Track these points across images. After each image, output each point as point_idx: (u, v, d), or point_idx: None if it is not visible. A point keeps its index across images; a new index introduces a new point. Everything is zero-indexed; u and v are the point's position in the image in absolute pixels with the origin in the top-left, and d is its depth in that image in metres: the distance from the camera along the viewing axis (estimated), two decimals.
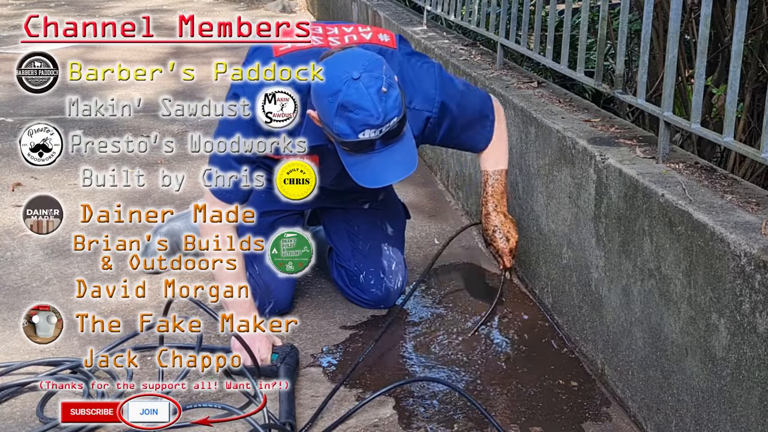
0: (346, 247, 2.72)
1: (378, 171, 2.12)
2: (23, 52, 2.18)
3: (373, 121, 2.03)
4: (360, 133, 2.04)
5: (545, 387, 2.29)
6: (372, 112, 2.03)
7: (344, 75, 2.04)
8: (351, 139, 2.06)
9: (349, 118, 2.03)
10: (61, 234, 2.49)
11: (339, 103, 2.02)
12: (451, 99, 2.36)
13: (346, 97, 2.02)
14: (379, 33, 2.38)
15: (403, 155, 2.13)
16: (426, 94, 2.31)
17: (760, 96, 2.72)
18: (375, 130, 2.04)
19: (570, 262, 2.46)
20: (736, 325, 1.65)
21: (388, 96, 2.04)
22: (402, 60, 2.32)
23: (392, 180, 2.18)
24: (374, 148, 2.08)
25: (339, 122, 2.04)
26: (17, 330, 2.55)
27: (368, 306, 2.71)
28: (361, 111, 2.02)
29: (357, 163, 2.11)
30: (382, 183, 2.16)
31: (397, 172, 2.14)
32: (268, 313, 2.61)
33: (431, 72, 2.34)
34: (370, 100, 2.02)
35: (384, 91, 2.04)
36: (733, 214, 1.78)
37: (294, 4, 9.62)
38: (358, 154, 2.10)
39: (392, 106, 2.05)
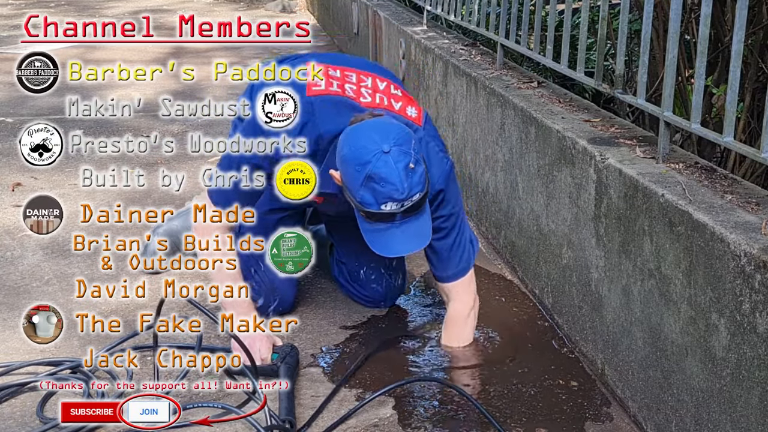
0: (346, 243, 2.72)
1: (392, 241, 2.16)
2: (23, 52, 2.18)
3: (397, 196, 2.08)
4: (383, 205, 2.09)
5: (545, 387, 2.29)
6: (398, 186, 2.07)
7: (374, 147, 2.07)
8: (373, 210, 2.10)
9: (374, 190, 2.07)
10: (61, 234, 2.49)
11: (367, 174, 2.06)
12: (447, 197, 2.36)
13: (375, 169, 2.06)
14: (409, 105, 2.38)
15: (418, 228, 2.17)
16: (431, 177, 2.30)
17: (760, 96, 2.72)
18: (397, 204, 2.09)
19: (570, 262, 2.46)
20: (736, 325, 1.65)
21: (414, 172, 2.09)
22: (423, 139, 2.33)
23: (405, 252, 2.22)
24: (394, 219, 2.12)
25: (364, 192, 2.09)
26: (17, 330, 2.55)
27: (369, 303, 2.71)
28: (387, 185, 2.06)
29: (373, 231, 2.16)
30: (395, 254, 2.23)
31: (410, 244, 2.19)
32: (273, 311, 2.61)
33: (443, 163, 2.35)
34: (397, 175, 2.06)
35: (411, 167, 2.08)
36: (733, 214, 1.78)
37: (294, 4, 9.62)
38: (376, 223, 2.14)
39: (417, 181, 2.10)
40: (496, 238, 3.16)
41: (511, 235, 2.99)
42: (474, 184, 3.38)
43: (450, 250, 2.42)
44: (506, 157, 2.97)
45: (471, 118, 3.37)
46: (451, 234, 2.40)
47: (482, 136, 3.23)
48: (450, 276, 2.45)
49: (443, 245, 2.41)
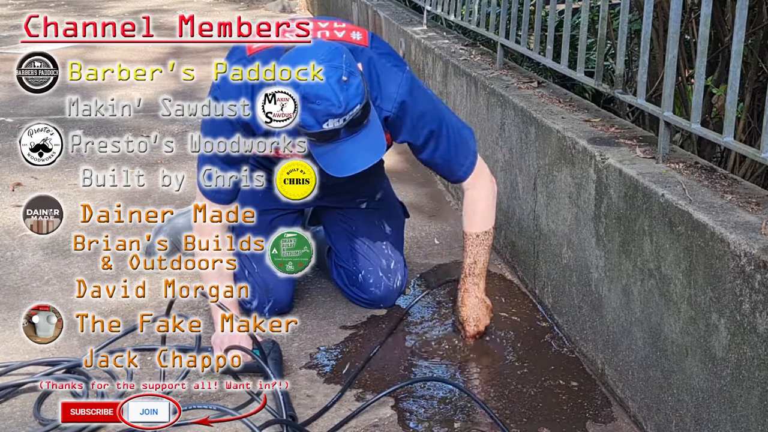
0: (344, 246, 2.72)
1: (346, 159, 2.13)
2: (23, 51, 2.18)
3: (335, 110, 2.05)
4: (324, 123, 2.06)
5: (545, 387, 2.28)
6: (333, 101, 2.04)
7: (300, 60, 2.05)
8: (315, 130, 2.07)
9: (311, 110, 2.05)
10: (61, 234, 2.49)
11: (301, 95, 2.04)
12: (415, 102, 2.33)
13: (307, 88, 2.03)
14: (353, 31, 2.37)
15: (370, 141, 2.14)
16: (389, 93, 2.30)
17: (760, 96, 2.72)
18: (338, 119, 2.06)
19: (570, 262, 2.46)
20: (736, 325, 1.65)
21: (349, 84, 2.06)
22: (372, 57, 2.31)
23: (360, 167, 2.17)
24: (339, 136, 2.09)
25: (302, 113, 2.05)
26: (17, 330, 2.55)
27: (368, 305, 2.71)
28: (322, 101, 2.04)
29: (325, 153, 2.13)
30: (351, 171, 2.16)
31: (364, 158, 2.15)
32: (268, 312, 2.61)
33: (398, 74, 2.32)
34: (330, 90, 2.04)
35: (344, 80, 2.05)
36: (733, 214, 1.78)
37: (294, 4, 9.62)
38: (325, 144, 2.11)
39: (354, 93, 2.06)
40: (496, 238, 3.15)
41: (511, 235, 2.98)
42: None
43: (449, 154, 2.41)
44: (506, 157, 2.97)
45: (471, 118, 3.37)
46: (443, 140, 2.39)
47: (482, 136, 3.23)
48: (461, 176, 2.46)
49: (442, 154, 2.40)
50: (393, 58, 2.38)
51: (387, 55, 2.37)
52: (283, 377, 2.24)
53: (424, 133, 2.35)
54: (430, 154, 2.39)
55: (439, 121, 2.38)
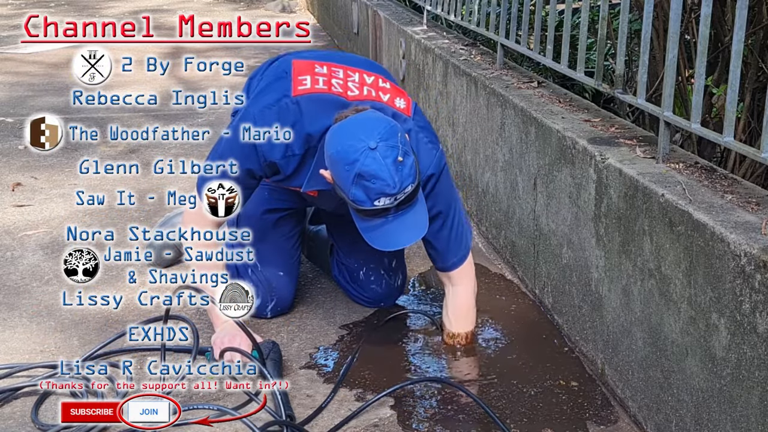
0: (346, 244, 2.72)
1: (391, 235, 2.16)
2: (23, 51, 2.19)
3: (389, 191, 2.07)
4: (375, 201, 2.09)
5: (545, 387, 2.28)
6: (388, 182, 2.06)
7: (361, 144, 2.07)
8: (366, 207, 2.10)
9: (365, 187, 2.07)
10: (61, 234, 2.49)
11: (356, 173, 2.06)
12: (439, 181, 2.35)
13: (363, 167, 2.06)
14: (397, 97, 2.38)
15: (414, 219, 2.18)
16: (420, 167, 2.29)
17: (760, 96, 2.72)
18: (390, 198, 2.09)
19: (570, 262, 2.46)
20: (736, 325, 1.65)
21: (403, 165, 2.09)
22: (412, 129, 2.33)
23: (405, 243, 2.22)
24: (388, 214, 2.12)
25: (356, 190, 2.08)
26: (17, 330, 2.55)
27: (369, 304, 2.71)
28: (377, 181, 2.06)
29: (370, 228, 2.16)
30: (395, 247, 2.21)
31: (409, 236, 2.19)
32: (270, 311, 2.62)
33: (433, 152, 2.34)
34: (386, 171, 2.06)
35: (400, 161, 2.08)
36: (733, 214, 1.78)
37: (294, 4, 9.62)
38: (372, 219, 2.14)
39: (407, 174, 2.09)
40: (496, 238, 3.16)
41: (511, 235, 2.99)
42: (474, 184, 3.38)
43: (449, 240, 2.42)
44: (506, 157, 2.97)
45: (471, 118, 3.37)
46: (447, 225, 2.41)
47: (482, 136, 3.23)
48: (451, 265, 2.46)
49: (442, 237, 2.41)
50: (430, 134, 2.41)
51: (425, 130, 2.39)
52: (282, 378, 2.24)
53: (435, 210, 2.36)
54: (433, 232, 2.39)
55: (450, 207, 2.41)
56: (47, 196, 3.64)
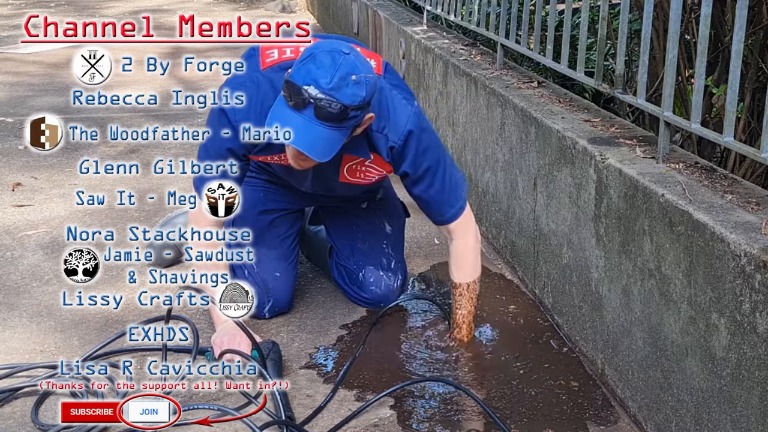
0: (345, 245, 2.72)
1: (294, 130, 2.09)
2: (23, 51, 2.19)
3: (322, 83, 2.04)
4: (305, 85, 2.05)
5: (545, 387, 2.28)
6: (328, 78, 2.04)
7: (336, 45, 2.09)
8: (295, 82, 2.06)
9: (307, 69, 2.05)
10: (61, 234, 2.49)
11: (310, 53, 2.06)
12: (420, 136, 2.33)
13: (321, 55, 2.05)
14: (367, 57, 2.35)
15: (322, 140, 2.10)
16: (397, 124, 2.30)
17: (760, 96, 2.72)
18: (317, 91, 2.04)
19: (570, 262, 2.46)
20: (736, 325, 1.65)
21: (352, 84, 2.06)
22: (384, 87, 2.32)
23: (296, 144, 2.11)
24: (304, 109, 2.06)
25: (298, 66, 2.07)
26: (17, 330, 2.55)
27: (368, 304, 2.71)
28: (320, 68, 2.04)
29: (282, 114, 2.10)
30: (289, 141, 2.10)
31: (304, 143, 2.10)
32: (268, 312, 2.62)
33: (407, 107, 2.33)
34: (335, 70, 2.04)
35: (353, 79, 2.05)
36: (733, 214, 1.78)
37: (294, 4, 9.62)
38: (290, 108, 2.08)
39: (348, 93, 2.05)
40: (496, 238, 3.16)
41: (511, 235, 2.99)
42: (474, 184, 3.38)
43: (442, 193, 2.42)
44: (506, 157, 2.97)
45: (471, 118, 3.37)
46: (438, 178, 2.40)
47: (482, 136, 3.23)
48: (449, 217, 2.46)
49: (435, 191, 2.41)
50: (404, 90, 2.40)
51: (398, 87, 2.38)
52: (282, 378, 2.24)
53: (423, 167, 2.36)
54: (424, 189, 2.39)
55: (438, 160, 2.39)
56: (47, 196, 3.64)
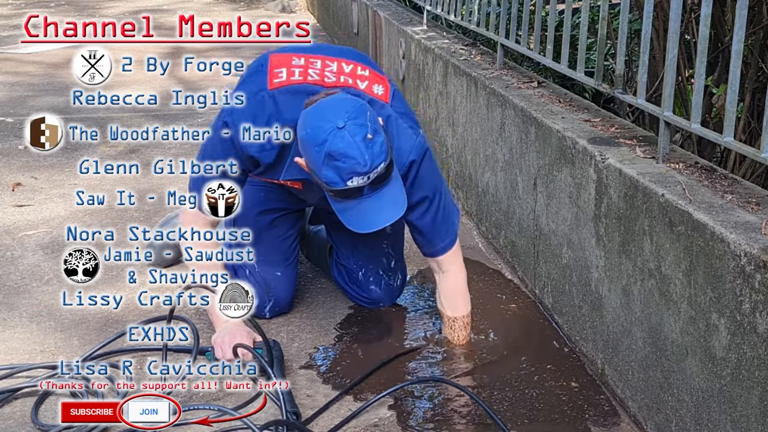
0: (345, 245, 2.72)
1: (368, 216, 2.13)
2: (23, 51, 2.19)
3: (360, 169, 2.05)
4: (348, 181, 2.06)
5: (545, 387, 2.28)
6: (359, 159, 2.04)
7: (328, 125, 2.05)
8: (339, 188, 2.08)
9: (336, 167, 2.05)
10: (61, 234, 2.49)
11: (326, 153, 2.04)
12: (421, 165, 2.33)
13: (332, 146, 2.04)
14: (375, 83, 2.36)
15: (392, 198, 2.14)
16: (400, 153, 2.29)
17: (760, 96, 2.72)
18: (362, 177, 2.06)
19: (570, 262, 2.46)
20: (736, 325, 1.65)
21: (373, 143, 2.06)
22: (391, 115, 2.31)
23: (383, 223, 2.17)
24: (362, 194, 2.09)
25: (327, 171, 2.06)
26: (17, 330, 2.55)
27: (368, 304, 2.71)
28: (348, 159, 2.04)
29: (347, 209, 2.14)
30: (373, 228, 2.17)
31: (387, 215, 2.15)
32: (269, 312, 2.62)
33: (413, 137, 2.33)
34: (356, 149, 2.04)
35: (369, 138, 2.06)
36: (733, 214, 1.78)
37: (294, 4, 9.62)
38: (347, 200, 2.11)
39: (378, 152, 2.07)
40: (496, 238, 3.16)
41: (511, 234, 2.99)
42: (474, 184, 3.38)
43: (435, 224, 2.41)
44: (506, 157, 2.97)
45: (471, 118, 3.37)
46: (433, 209, 2.39)
47: (482, 136, 3.23)
48: (439, 250, 2.45)
49: (427, 221, 2.40)
50: (410, 119, 2.39)
51: (405, 116, 2.38)
52: (284, 377, 2.24)
53: (419, 195, 2.35)
54: (418, 217, 2.38)
55: (435, 191, 2.39)
56: (47, 196, 3.64)
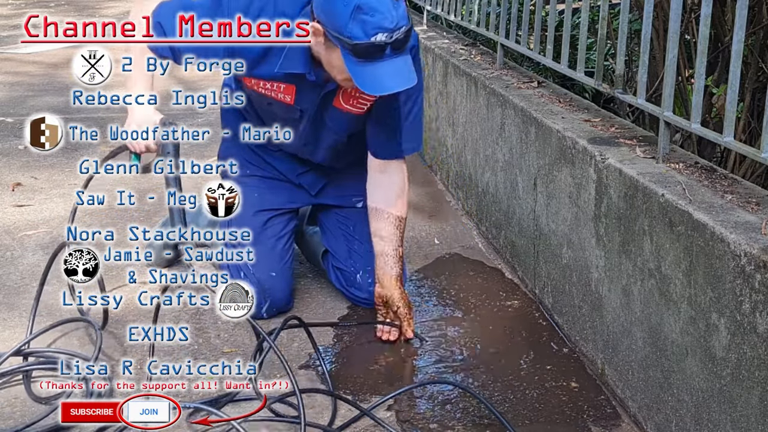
0: (342, 247, 2.72)
1: (382, 79, 2.13)
2: (23, 51, 2.19)
3: (387, 24, 2.07)
4: (373, 36, 2.07)
5: (545, 387, 2.28)
6: (387, 15, 2.07)
7: None
8: (363, 41, 2.08)
9: (363, 21, 2.06)
10: (61, 234, 2.49)
11: (355, 5, 2.06)
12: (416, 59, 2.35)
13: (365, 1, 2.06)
14: None
15: (405, 67, 2.16)
16: None
17: (760, 96, 2.72)
18: (387, 34, 2.07)
19: (570, 262, 2.46)
20: (736, 325, 1.65)
21: (399, 5, 2.10)
22: None
23: (395, 88, 2.17)
24: (383, 54, 2.10)
25: (353, 24, 2.07)
26: (17, 330, 2.55)
27: (368, 305, 2.70)
28: (376, 13, 2.06)
29: (363, 71, 2.12)
30: (386, 90, 2.18)
31: (399, 81, 2.15)
32: (266, 312, 2.61)
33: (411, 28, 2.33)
34: (385, 5, 2.07)
35: (396, 0, 2.09)
36: (733, 214, 1.78)
37: None
38: (366, 60, 2.10)
39: (402, 14, 2.10)
40: (496, 238, 3.16)
41: (511, 234, 2.99)
42: (474, 184, 3.38)
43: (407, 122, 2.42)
44: (506, 157, 2.97)
45: (471, 118, 3.37)
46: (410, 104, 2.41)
47: (482, 136, 3.23)
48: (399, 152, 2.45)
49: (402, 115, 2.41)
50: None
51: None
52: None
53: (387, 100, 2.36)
54: (389, 110, 2.39)
55: (419, 89, 2.40)
56: (47, 196, 3.64)
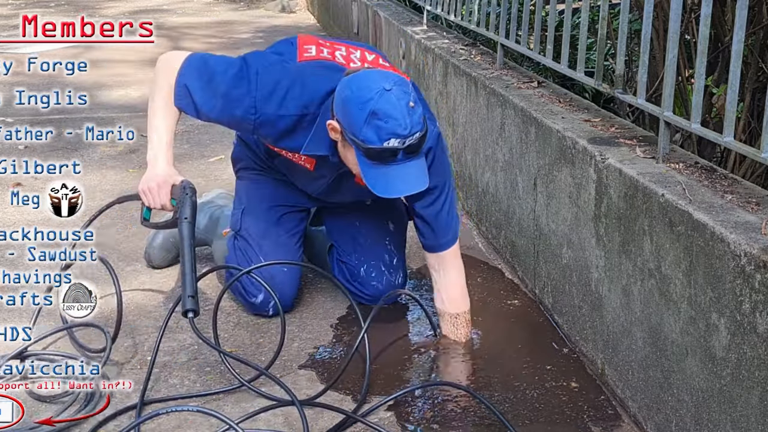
0: (347, 241, 2.73)
1: (392, 181, 2.17)
2: (23, 51, 2.19)
3: (400, 131, 2.10)
4: (386, 141, 2.10)
5: (545, 387, 2.28)
6: (401, 122, 2.09)
7: (376, 86, 2.11)
8: (376, 146, 2.11)
9: (377, 126, 2.09)
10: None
11: (370, 111, 2.09)
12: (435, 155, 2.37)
13: (378, 105, 2.09)
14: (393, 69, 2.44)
15: (417, 171, 2.19)
16: None
17: (760, 96, 2.72)
18: (400, 140, 2.10)
19: (570, 262, 2.46)
20: (736, 325, 1.65)
21: (414, 111, 2.12)
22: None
23: (406, 191, 2.22)
24: (395, 158, 2.13)
25: (367, 129, 2.10)
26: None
27: (369, 301, 2.70)
28: (390, 120, 2.09)
29: (374, 173, 2.16)
30: (395, 194, 2.22)
31: (410, 185, 2.20)
32: (272, 308, 2.61)
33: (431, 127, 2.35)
34: (400, 111, 2.10)
35: (412, 106, 2.12)
36: (733, 214, 1.78)
37: (294, 4, 9.61)
38: (379, 163, 2.14)
39: (417, 120, 2.13)
40: (496, 238, 3.16)
41: (511, 234, 2.99)
42: (474, 184, 3.38)
43: (441, 217, 2.45)
44: (506, 157, 2.97)
45: (471, 118, 3.37)
46: (442, 199, 2.43)
47: (482, 136, 3.23)
48: (443, 244, 2.48)
49: (435, 212, 2.43)
50: (428, 110, 2.42)
51: (426, 108, 2.40)
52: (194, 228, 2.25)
53: (431, 182, 2.35)
54: (426, 205, 2.42)
55: (446, 183, 2.44)
56: (47, 196, 3.63)
